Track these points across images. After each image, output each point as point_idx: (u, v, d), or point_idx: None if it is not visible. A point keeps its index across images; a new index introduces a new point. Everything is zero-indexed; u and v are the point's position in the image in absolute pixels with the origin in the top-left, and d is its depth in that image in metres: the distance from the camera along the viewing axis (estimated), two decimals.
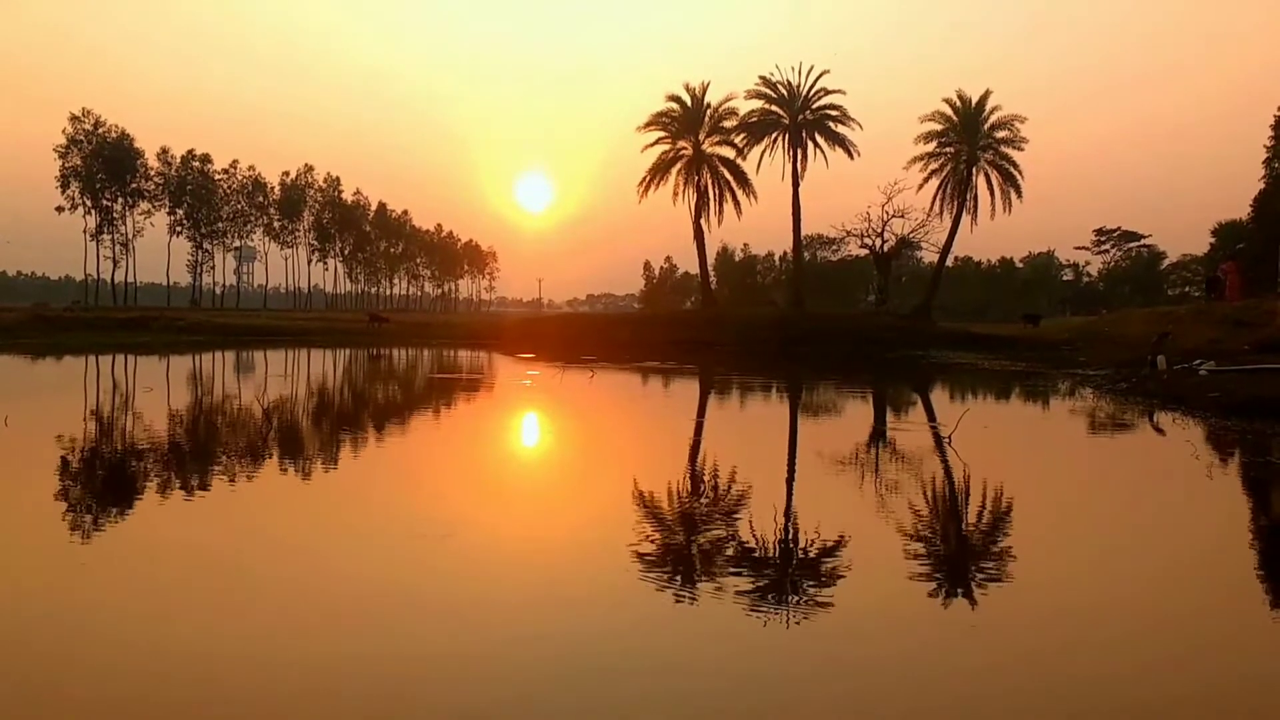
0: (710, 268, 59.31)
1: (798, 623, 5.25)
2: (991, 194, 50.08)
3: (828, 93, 49.92)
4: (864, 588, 6.05)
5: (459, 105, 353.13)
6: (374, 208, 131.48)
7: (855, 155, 50.38)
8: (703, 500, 9.11)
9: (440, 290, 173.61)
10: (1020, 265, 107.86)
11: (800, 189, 50.50)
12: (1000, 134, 49.72)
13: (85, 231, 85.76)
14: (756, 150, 50.97)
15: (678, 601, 5.64)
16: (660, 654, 4.86)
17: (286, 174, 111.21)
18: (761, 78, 50.18)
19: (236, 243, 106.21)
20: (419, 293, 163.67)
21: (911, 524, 7.84)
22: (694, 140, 51.93)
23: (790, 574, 6.36)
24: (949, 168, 50.47)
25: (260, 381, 23.32)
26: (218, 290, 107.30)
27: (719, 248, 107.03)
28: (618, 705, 4.21)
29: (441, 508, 8.78)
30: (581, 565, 6.70)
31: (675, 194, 52.58)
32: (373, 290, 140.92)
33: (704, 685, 4.43)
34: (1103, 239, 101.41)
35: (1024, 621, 5.46)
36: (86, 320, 45.08)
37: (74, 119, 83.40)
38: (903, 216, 50.00)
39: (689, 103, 51.59)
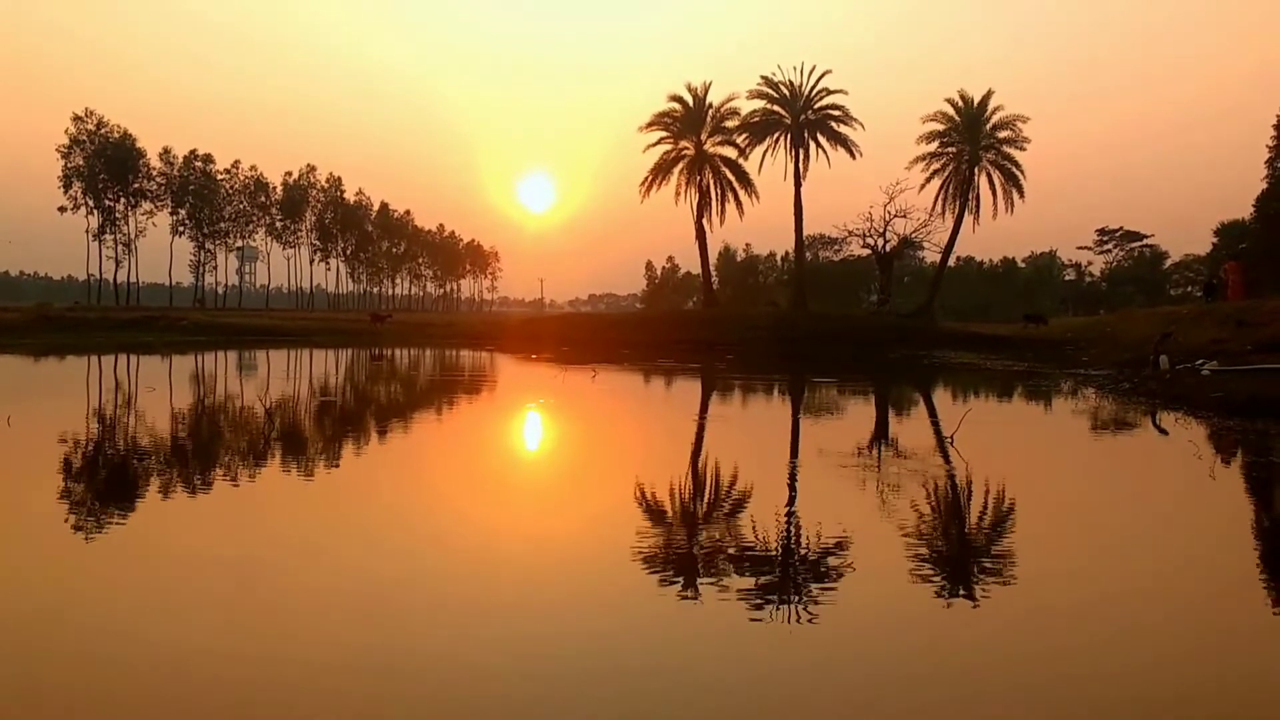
0: (712, 267, 59.41)
1: (800, 621, 5.25)
2: (994, 194, 50.20)
3: (830, 93, 50.04)
4: (866, 586, 6.05)
5: (462, 105, 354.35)
6: (376, 208, 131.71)
7: (857, 155, 50.53)
8: (705, 500, 9.11)
9: (442, 290, 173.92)
10: (1022, 265, 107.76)
11: (802, 189, 50.63)
12: (1002, 134, 49.80)
13: (88, 231, 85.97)
14: (758, 150, 51.11)
15: (680, 600, 5.64)
16: (662, 652, 4.86)
17: (289, 174, 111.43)
18: (763, 78, 50.31)
19: (239, 243, 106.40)
20: (421, 293, 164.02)
21: (914, 523, 7.84)
22: (696, 140, 51.98)
23: (792, 573, 6.36)
24: (951, 167, 50.54)
25: (263, 382, 23.36)
26: (220, 290, 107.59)
27: (721, 247, 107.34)
28: (620, 703, 4.22)
29: (444, 507, 8.80)
30: (584, 564, 6.70)
31: (677, 194, 52.75)
32: (375, 290, 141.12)
33: (706, 683, 4.44)
34: (1105, 239, 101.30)
35: (1027, 620, 5.45)
36: (89, 320, 45.16)
37: (76, 119, 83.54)
38: (905, 216, 50.10)
39: (691, 103, 51.67)
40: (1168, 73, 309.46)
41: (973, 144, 49.75)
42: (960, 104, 50.04)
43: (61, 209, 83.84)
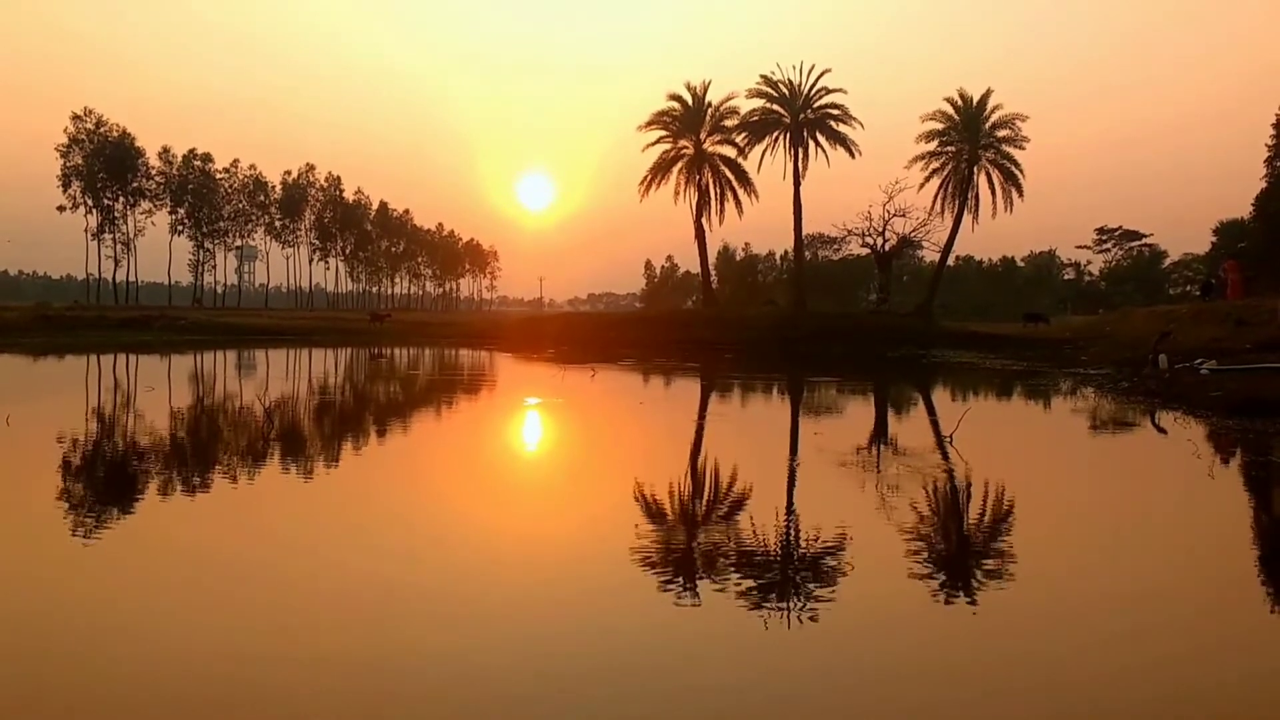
0: (711, 267, 59.38)
1: (800, 622, 5.25)
2: (993, 193, 50.11)
3: (829, 91, 49.95)
4: (866, 586, 6.05)
5: (461, 104, 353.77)
6: (375, 207, 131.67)
7: (857, 154, 50.44)
8: (705, 500, 9.11)
9: (442, 289, 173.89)
10: (1022, 264, 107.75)
11: (801, 188, 50.55)
12: (1001, 133, 49.73)
13: (87, 231, 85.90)
14: (758, 149, 51.03)
15: (680, 600, 5.64)
16: (663, 652, 4.86)
17: (288, 173, 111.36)
18: (763, 76, 50.22)
19: (238, 242, 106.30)
20: (420, 292, 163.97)
21: (913, 523, 7.84)
22: (695, 139, 51.96)
23: (792, 573, 6.36)
24: (950, 167, 50.47)
25: (262, 381, 23.35)
26: (219, 289, 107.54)
27: (720, 247, 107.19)
28: (621, 703, 4.22)
29: (444, 507, 8.80)
30: (584, 564, 6.70)
31: (676, 193, 52.71)
32: (374, 289, 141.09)
33: (706, 683, 4.44)
34: (1104, 238, 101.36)
35: (1027, 620, 5.46)
36: (88, 319, 45.09)
37: (75, 118, 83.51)
38: (904, 215, 50.08)
39: (690, 102, 51.63)
40: (1168, 73, 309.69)
41: (972, 143, 49.69)
42: (959, 103, 49.99)
43: (60, 208, 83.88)
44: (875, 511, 8.37)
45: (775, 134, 50.51)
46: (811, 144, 50.24)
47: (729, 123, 51.70)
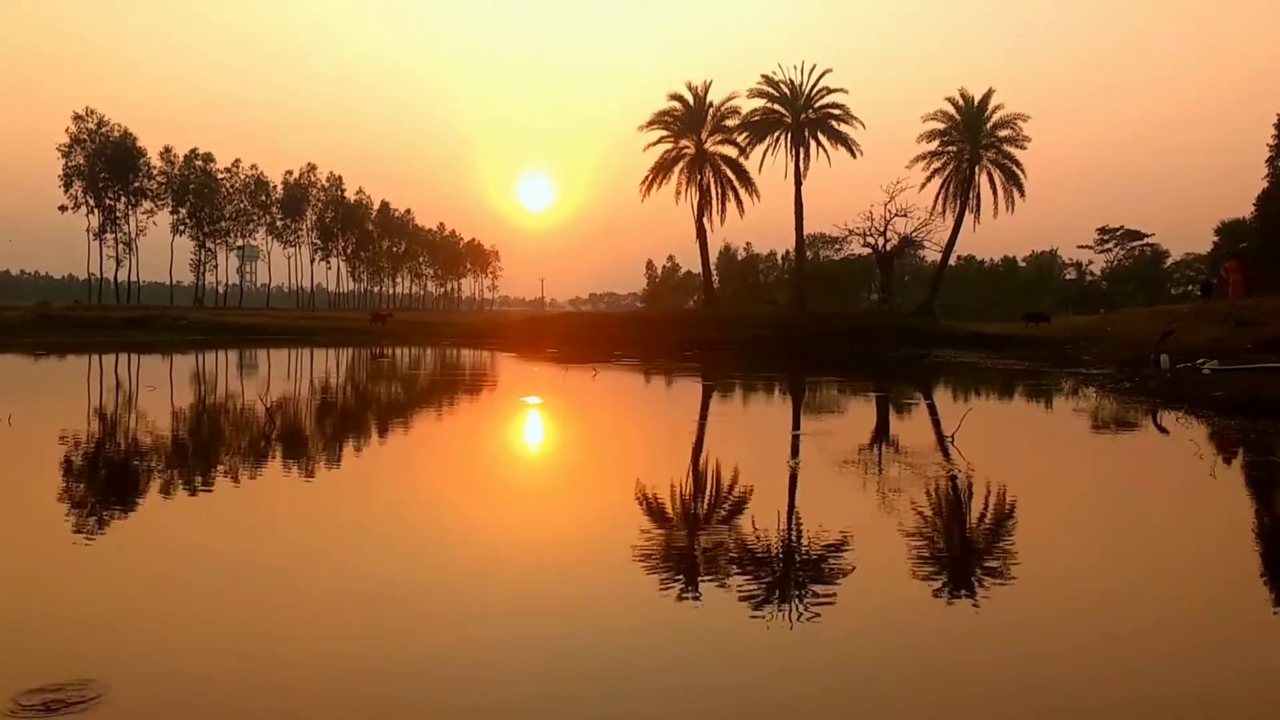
0: (713, 266, 59.42)
1: (801, 621, 5.25)
2: (994, 193, 50.17)
3: (830, 91, 50.00)
4: (868, 586, 6.04)
5: (462, 104, 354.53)
6: (376, 207, 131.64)
7: (858, 154, 50.50)
8: (706, 499, 9.11)
9: (443, 289, 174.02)
10: (1023, 264, 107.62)
11: (803, 187, 50.59)
12: (1003, 132, 49.76)
13: (88, 230, 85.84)
14: (759, 149, 51.09)
15: (682, 600, 5.64)
16: (664, 652, 4.86)
17: (289, 173, 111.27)
18: (764, 76, 50.28)
19: (239, 242, 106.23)
20: (422, 292, 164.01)
21: (915, 523, 7.83)
22: (696, 139, 52.00)
23: (794, 573, 6.36)
24: (951, 166, 50.51)
25: (263, 381, 23.36)
26: (221, 289, 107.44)
27: (721, 246, 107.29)
28: (621, 703, 4.22)
29: (446, 507, 8.80)
30: (585, 564, 6.70)
31: (678, 193, 52.78)
32: (375, 289, 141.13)
33: (707, 683, 4.43)
34: (1106, 238, 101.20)
35: (1028, 619, 5.45)
36: (89, 319, 45.13)
37: (77, 118, 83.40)
38: (905, 215, 50.09)
39: (691, 101, 51.68)
40: (1168, 73, 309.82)
41: (973, 143, 49.72)
42: (961, 103, 50.01)
43: (62, 208, 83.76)
44: (876, 511, 8.37)
45: (776, 134, 50.56)
46: (813, 144, 50.33)
47: (730, 122, 51.78)
